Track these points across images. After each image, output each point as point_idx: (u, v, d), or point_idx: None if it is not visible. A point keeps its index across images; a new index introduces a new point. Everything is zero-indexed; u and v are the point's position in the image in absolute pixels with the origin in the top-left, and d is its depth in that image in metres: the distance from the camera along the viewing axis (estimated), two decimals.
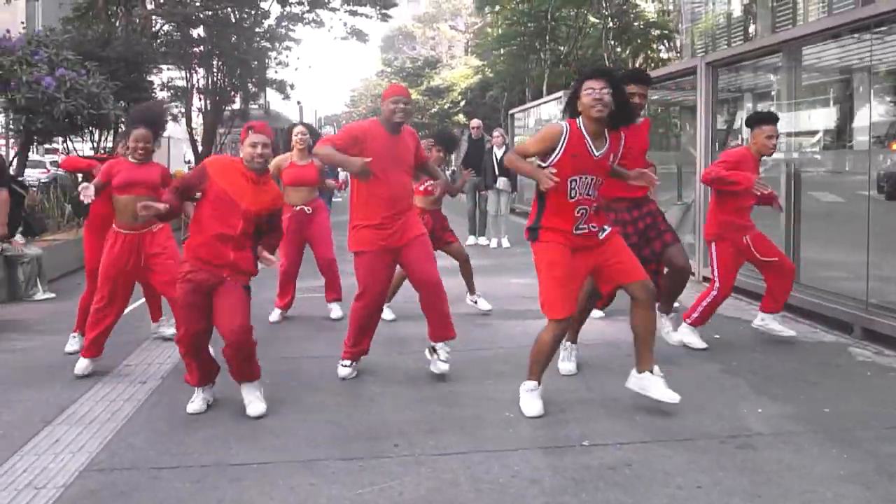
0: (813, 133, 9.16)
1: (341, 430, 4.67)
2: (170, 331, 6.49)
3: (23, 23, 22.86)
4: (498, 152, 13.22)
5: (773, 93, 10.26)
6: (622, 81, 5.19)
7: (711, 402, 5.09)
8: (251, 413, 4.82)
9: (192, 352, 4.85)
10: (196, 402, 4.96)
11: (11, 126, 11.36)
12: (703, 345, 6.46)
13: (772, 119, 6.27)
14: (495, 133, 14.05)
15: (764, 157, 6.44)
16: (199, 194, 4.90)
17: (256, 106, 31.64)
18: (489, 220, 13.96)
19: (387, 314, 7.31)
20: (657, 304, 5.81)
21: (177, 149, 31.44)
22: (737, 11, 28.39)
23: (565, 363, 5.81)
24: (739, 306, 8.19)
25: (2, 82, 10.31)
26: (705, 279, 9.30)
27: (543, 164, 4.58)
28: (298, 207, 7.43)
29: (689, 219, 11.28)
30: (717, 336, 6.86)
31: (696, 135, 9.43)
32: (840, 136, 8.95)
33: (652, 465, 4.06)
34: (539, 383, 4.88)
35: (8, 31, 10.58)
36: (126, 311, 6.13)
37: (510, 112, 22.14)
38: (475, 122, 14.66)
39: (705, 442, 4.39)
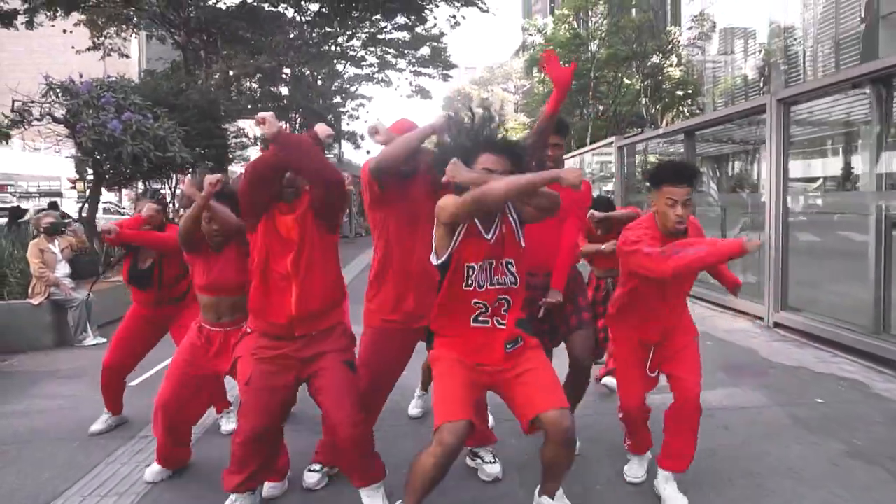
0: None
1: None
2: (230, 425, 4.38)
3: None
4: None
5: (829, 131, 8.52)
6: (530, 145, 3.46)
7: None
8: None
9: (256, 452, 3.13)
10: None
11: (77, 170, 10.07)
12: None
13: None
14: None
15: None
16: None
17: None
18: None
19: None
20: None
21: None
22: (751, 74, 27.42)
23: None
24: (822, 356, 6.36)
25: (69, 126, 9.09)
26: (777, 325, 7.53)
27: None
28: None
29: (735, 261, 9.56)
30: (820, 401, 5.06)
31: (767, 175, 7.63)
32: None
33: None
34: None
35: (80, 76, 9.39)
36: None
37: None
38: None
39: None
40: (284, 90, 24.45)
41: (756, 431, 4.39)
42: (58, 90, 9.18)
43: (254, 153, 27.02)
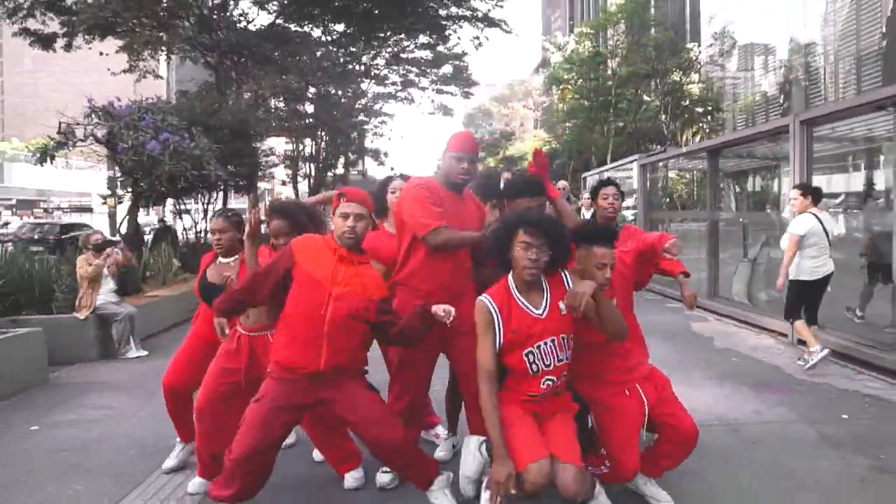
0: None
1: None
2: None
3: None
4: (587, 214, 11.66)
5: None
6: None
7: None
8: None
9: (247, 472, 3.16)
10: None
11: (119, 187, 10.39)
12: None
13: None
14: (585, 196, 12.54)
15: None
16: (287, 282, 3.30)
17: (356, 171, 31.17)
18: None
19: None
20: None
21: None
22: (771, 91, 27.34)
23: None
24: (847, 373, 6.41)
25: (110, 146, 9.39)
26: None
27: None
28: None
29: (758, 275, 9.69)
30: (845, 416, 5.13)
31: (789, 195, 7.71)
32: None
33: None
34: None
35: (118, 99, 9.68)
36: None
37: (583, 176, 20.87)
38: (562, 183, 12.91)
39: None
40: (309, 108, 24.80)
41: (783, 446, 4.48)
42: (99, 112, 9.48)
43: (279, 172, 27.39)
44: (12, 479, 4.17)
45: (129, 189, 9.89)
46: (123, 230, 10.63)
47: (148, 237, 13.97)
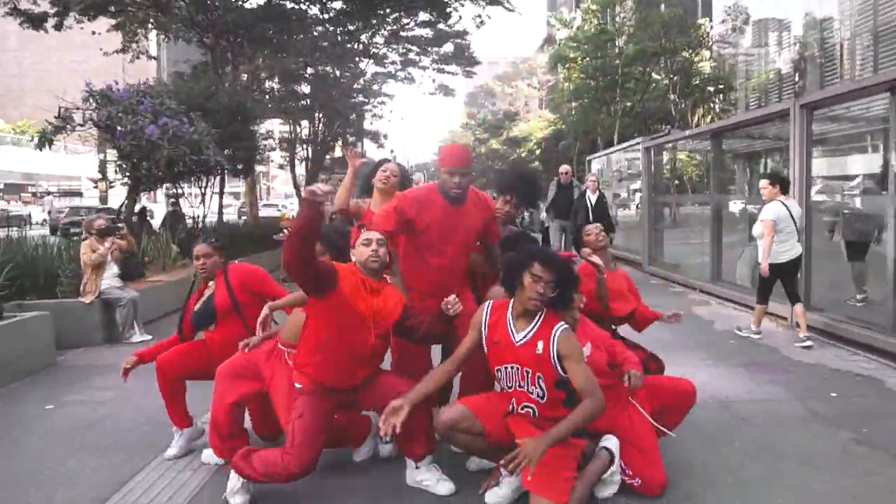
0: None
1: None
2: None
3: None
4: (592, 197, 11.93)
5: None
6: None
7: (864, 492, 3.69)
8: (442, 492, 3.64)
9: (295, 479, 3.45)
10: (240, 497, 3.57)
11: (117, 172, 10.65)
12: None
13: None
14: (590, 178, 12.73)
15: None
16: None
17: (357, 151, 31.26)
18: None
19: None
20: None
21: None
22: (785, 69, 27.27)
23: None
24: (842, 354, 6.71)
25: (109, 130, 9.65)
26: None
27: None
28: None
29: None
30: (834, 394, 5.43)
31: (792, 177, 7.96)
32: None
33: None
34: None
35: (116, 83, 9.93)
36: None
37: (588, 158, 21.04)
38: (564, 167, 13.02)
39: None
40: (306, 89, 24.88)
41: (772, 422, 4.78)
42: (97, 97, 9.73)
43: (276, 156, 27.59)
44: (37, 453, 4.50)
45: (127, 174, 10.15)
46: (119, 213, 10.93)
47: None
